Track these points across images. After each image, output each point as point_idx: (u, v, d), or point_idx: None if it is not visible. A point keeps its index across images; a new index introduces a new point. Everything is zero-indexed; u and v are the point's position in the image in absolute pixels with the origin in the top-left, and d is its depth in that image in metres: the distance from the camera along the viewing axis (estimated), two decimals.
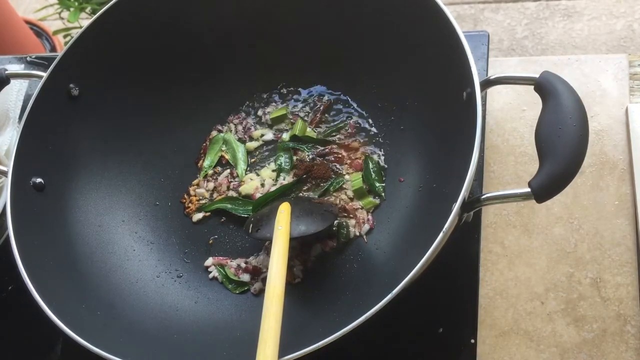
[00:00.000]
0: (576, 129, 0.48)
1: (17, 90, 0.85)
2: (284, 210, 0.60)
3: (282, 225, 0.58)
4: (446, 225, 0.48)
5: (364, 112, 0.71)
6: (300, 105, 0.74)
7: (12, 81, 0.71)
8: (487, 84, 0.57)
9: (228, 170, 0.73)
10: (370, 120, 0.71)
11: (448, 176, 0.57)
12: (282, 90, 0.75)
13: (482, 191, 0.66)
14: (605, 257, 0.62)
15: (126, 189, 0.71)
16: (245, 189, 0.70)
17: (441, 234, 0.47)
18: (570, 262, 0.62)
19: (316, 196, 0.67)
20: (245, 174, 0.71)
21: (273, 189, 0.69)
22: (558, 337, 0.59)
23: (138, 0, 0.69)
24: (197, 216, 0.70)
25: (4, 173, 0.63)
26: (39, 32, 1.80)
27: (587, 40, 1.65)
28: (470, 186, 0.49)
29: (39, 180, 0.63)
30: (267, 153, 0.73)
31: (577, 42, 1.65)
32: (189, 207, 0.71)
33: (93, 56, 0.68)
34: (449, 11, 0.56)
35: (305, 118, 0.73)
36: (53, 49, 1.78)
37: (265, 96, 0.76)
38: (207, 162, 0.73)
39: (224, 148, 0.74)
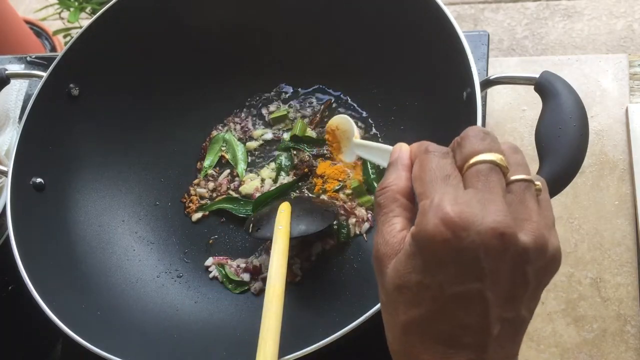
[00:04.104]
0: (576, 129, 0.48)
1: (17, 90, 0.85)
2: (284, 209, 0.60)
3: (282, 224, 0.58)
4: None
5: (364, 112, 0.71)
6: (300, 105, 0.74)
7: (12, 81, 0.71)
8: (487, 84, 0.57)
9: (228, 170, 0.73)
10: (370, 120, 0.71)
11: None
12: (282, 90, 0.75)
13: None
14: (605, 257, 0.62)
15: (126, 189, 0.71)
16: (245, 189, 0.70)
17: None
18: (570, 262, 0.62)
19: (316, 196, 0.67)
20: (245, 174, 0.72)
21: (273, 188, 0.69)
22: (558, 337, 0.59)
23: (138, 1, 0.69)
24: (197, 216, 0.70)
25: (4, 173, 0.63)
26: (39, 32, 1.80)
27: (587, 40, 1.65)
28: None
29: (39, 180, 0.63)
30: (267, 153, 0.73)
31: (577, 42, 1.65)
32: (189, 207, 0.71)
33: (93, 56, 0.68)
34: (449, 11, 0.56)
35: (305, 118, 0.73)
36: (53, 49, 1.78)
37: (265, 96, 0.76)
38: (207, 162, 0.73)
39: (224, 148, 0.74)
